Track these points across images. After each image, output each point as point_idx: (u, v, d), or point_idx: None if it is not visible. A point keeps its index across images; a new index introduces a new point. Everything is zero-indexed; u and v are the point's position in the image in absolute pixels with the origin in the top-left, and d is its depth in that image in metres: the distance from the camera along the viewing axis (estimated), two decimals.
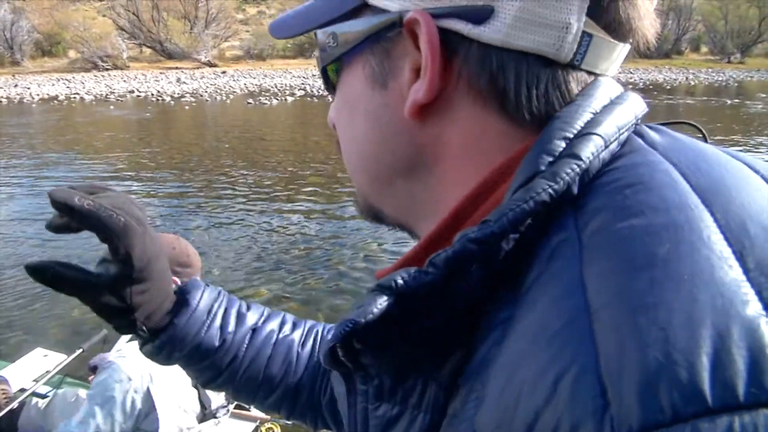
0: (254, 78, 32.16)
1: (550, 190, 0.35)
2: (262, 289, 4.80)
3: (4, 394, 2.54)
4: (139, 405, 1.69)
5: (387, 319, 0.36)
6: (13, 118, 19.73)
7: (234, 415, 2.38)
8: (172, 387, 1.78)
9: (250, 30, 51.69)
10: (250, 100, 21.21)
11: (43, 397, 2.62)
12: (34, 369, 3.02)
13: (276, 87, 26.48)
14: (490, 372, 0.34)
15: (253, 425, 2.51)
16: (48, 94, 26.51)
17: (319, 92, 23.59)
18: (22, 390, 2.60)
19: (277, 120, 17.13)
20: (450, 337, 0.38)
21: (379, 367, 0.41)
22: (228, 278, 5.07)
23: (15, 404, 2.44)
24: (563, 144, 0.37)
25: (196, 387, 1.94)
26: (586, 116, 0.38)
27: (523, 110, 0.40)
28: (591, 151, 0.37)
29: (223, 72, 37.76)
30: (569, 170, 0.35)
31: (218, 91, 25.60)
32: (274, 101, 20.61)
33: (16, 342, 3.89)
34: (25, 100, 24.78)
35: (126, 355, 1.64)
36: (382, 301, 0.36)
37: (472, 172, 0.42)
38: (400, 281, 0.36)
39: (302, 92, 23.68)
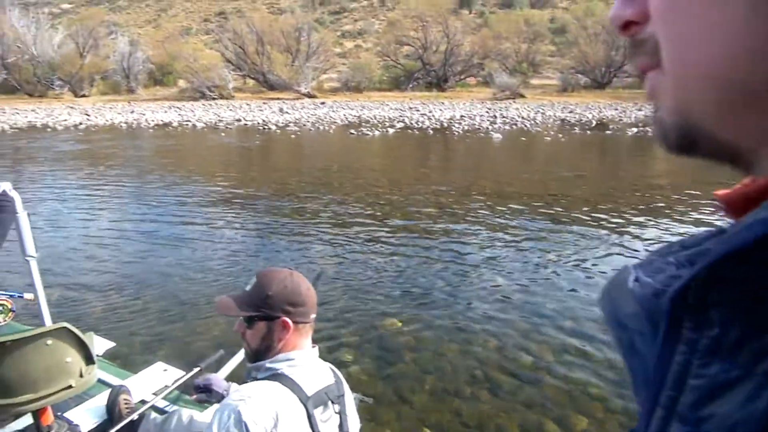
0: (352, 109, 33.01)
1: None
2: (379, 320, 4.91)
3: (126, 404, 2.60)
4: None
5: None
6: (132, 142, 21.17)
7: None
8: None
9: (347, 63, 53.27)
10: (352, 131, 21.80)
11: (161, 411, 2.65)
12: (154, 382, 3.06)
13: (375, 118, 27.07)
14: None
15: None
16: (162, 121, 28.25)
17: (418, 125, 23.95)
18: (143, 402, 2.66)
19: (381, 150, 17.53)
20: None
21: (730, 312, 0.31)
22: (342, 307, 5.18)
23: (135, 415, 2.47)
24: None
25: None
26: None
27: None
28: None
29: (322, 103, 38.97)
30: None
31: (320, 121, 26.46)
32: (376, 132, 21.09)
33: (140, 354, 4.09)
34: (142, 125, 26.53)
35: (245, 397, 1.42)
36: None
37: None
38: None
39: (402, 124, 24.10)
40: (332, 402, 1.55)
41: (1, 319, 2.50)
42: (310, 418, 1.44)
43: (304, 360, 1.53)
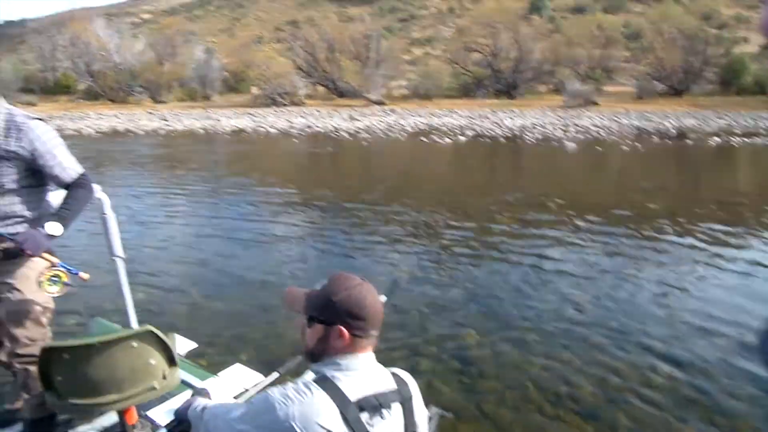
0: (422, 117, 32.95)
1: None
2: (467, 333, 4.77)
3: None
4: None
5: None
6: (208, 146, 21.80)
7: None
8: None
9: (416, 70, 53.31)
10: (423, 138, 21.73)
11: None
12: (233, 385, 3.05)
13: (445, 126, 26.92)
14: None
15: None
16: (236, 126, 29.00)
17: (489, 133, 23.64)
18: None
19: (452, 159, 17.38)
20: None
21: None
22: (418, 316, 5.06)
23: None
24: None
25: None
26: None
27: None
28: None
29: (392, 110, 39.08)
30: None
31: (390, 128, 26.51)
32: (447, 140, 20.94)
33: (219, 355, 4.08)
34: (217, 131, 27.31)
35: (282, 396, 1.45)
36: None
37: None
38: None
39: (472, 132, 23.85)
40: (386, 407, 1.48)
41: (56, 290, 2.50)
42: (350, 423, 1.39)
43: (354, 365, 1.48)
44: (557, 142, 19.80)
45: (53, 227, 2.44)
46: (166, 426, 1.94)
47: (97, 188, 2.93)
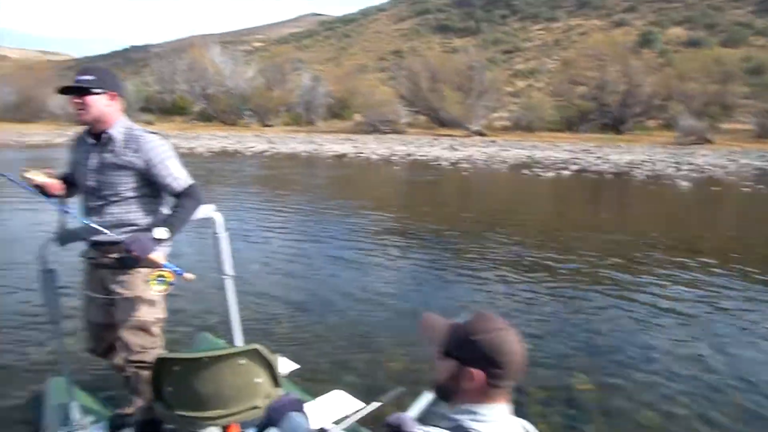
0: (524, 149, 32.38)
1: None
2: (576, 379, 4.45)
3: None
4: None
5: None
6: (311, 170, 22.35)
7: None
8: None
9: (519, 102, 52.72)
10: (525, 171, 21.27)
11: None
12: (333, 410, 3.05)
13: (547, 159, 26.27)
14: None
15: None
16: (338, 151, 29.63)
17: (594, 168, 22.85)
18: (322, 430, 2.62)
19: (556, 192, 16.87)
20: None
21: None
22: (527, 357, 4.80)
23: None
24: None
25: None
26: None
27: None
28: None
29: (493, 141, 38.71)
30: None
31: (490, 159, 26.19)
32: (549, 173, 20.39)
33: (320, 379, 4.01)
34: (320, 155, 28.02)
35: None
36: None
37: None
38: None
39: (576, 166, 23.12)
40: None
41: (162, 288, 2.59)
42: None
43: (490, 416, 1.36)
44: (669, 180, 18.79)
45: (160, 232, 2.55)
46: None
47: (210, 208, 3.08)
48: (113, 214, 2.69)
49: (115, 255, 2.71)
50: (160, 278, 2.57)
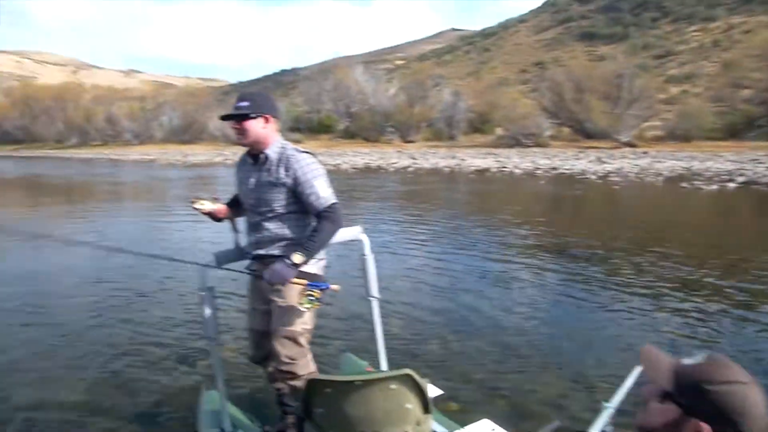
0: (680, 160, 30.18)
1: None
2: None
3: None
4: None
5: None
6: (453, 185, 22.31)
7: None
8: None
9: (673, 110, 49.32)
10: (684, 184, 19.78)
11: None
12: None
13: (709, 171, 24.29)
14: None
15: None
16: (480, 166, 29.37)
17: (766, 179, 20.76)
18: None
19: (720, 207, 15.47)
20: None
21: None
22: None
23: None
24: None
25: None
26: None
27: None
28: None
29: (644, 152, 36.51)
30: None
31: (643, 171, 24.68)
32: (712, 186, 18.79)
33: (467, 407, 3.81)
34: (462, 170, 27.94)
35: None
36: None
37: None
38: None
39: (743, 178, 21.13)
40: None
41: (311, 308, 2.76)
42: None
43: None
44: None
45: (298, 257, 2.69)
46: None
47: (357, 230, 3.22)
48: (269, 229, 2.87)
49: None
50: (309, 296, 2.71)
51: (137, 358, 4.78)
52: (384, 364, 3.38)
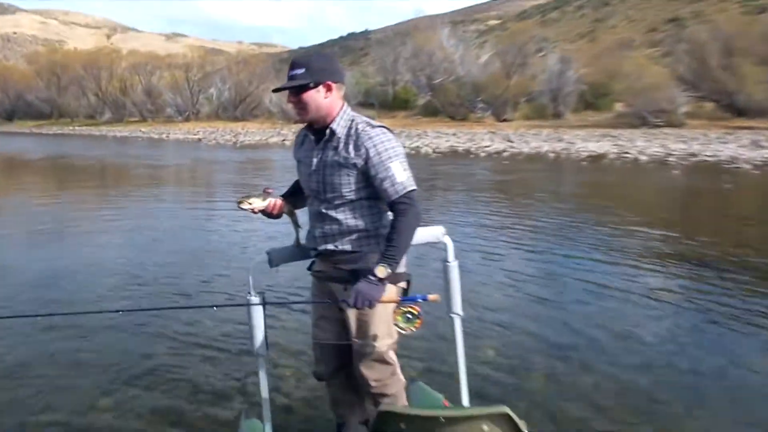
0: None
1: None
2: None
3: None
4: None
5: None
6: (560, 174, 22.10)
7: None
8: None
9: None
10: None
11: None
12: None
13: None
14: None
15: None
16: (595, 151, 28.79)
17: None
18: None
19: None
20: None
21: None
22: None
23: None
24: None
25: None
26: None
27: None
28: None
29: None
30: None
31: None
32: None
33: None
34: (571, 156, 27.46)
35: None
36: None
37: None
38: None
39: None
40: None
41: (412, 328, 2.76)
42: None
43: None
44: None
45: (382, 270, 2.67)
46: None
47: (440, 231, 3.17)
48: (338, 219, 2.85)
49: (346, 266, 2.89)
50: (406, 314, 2.72)
51: (167, 377, 4.83)
52: (465, 399, 3.31)
